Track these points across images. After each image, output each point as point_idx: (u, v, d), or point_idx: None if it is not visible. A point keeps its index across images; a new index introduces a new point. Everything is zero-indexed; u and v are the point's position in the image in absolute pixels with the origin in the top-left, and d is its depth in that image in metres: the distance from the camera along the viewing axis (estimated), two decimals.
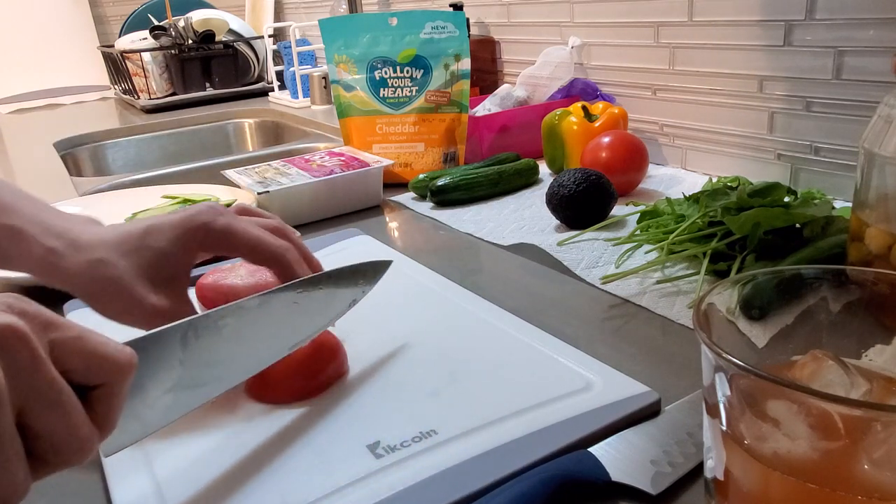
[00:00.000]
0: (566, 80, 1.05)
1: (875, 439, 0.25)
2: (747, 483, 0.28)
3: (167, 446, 0.41)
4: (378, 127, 0.98)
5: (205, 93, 1.77)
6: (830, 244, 0.55)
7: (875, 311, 0.33)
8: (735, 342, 0.33)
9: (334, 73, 1.00)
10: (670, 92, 0.93)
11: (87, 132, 1.51)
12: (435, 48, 0.96)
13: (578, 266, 0.64)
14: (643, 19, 0.93)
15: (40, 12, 1.98)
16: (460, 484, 0.36)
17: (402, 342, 0.51)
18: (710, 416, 0.30)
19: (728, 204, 0.58)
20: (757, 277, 0.33)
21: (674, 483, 0.36)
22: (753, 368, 0.26)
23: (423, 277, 0.62)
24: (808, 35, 0.74)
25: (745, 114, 0.83)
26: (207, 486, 0.38)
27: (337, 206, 0.86)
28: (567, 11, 1.07)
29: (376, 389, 0.46)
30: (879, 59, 0.68)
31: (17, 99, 1.93)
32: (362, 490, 0.36)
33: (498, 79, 1.29)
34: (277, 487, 0.37)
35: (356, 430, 0.41)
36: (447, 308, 0.56)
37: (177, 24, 1.72)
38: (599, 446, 0.38)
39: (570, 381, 0.44)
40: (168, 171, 1.19)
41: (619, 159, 0.81)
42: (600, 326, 0.54)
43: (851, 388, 0.29)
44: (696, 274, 0.58)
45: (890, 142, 0.44)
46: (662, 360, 0.49)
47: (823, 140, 0.76)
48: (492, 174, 0.88)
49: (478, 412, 0.42)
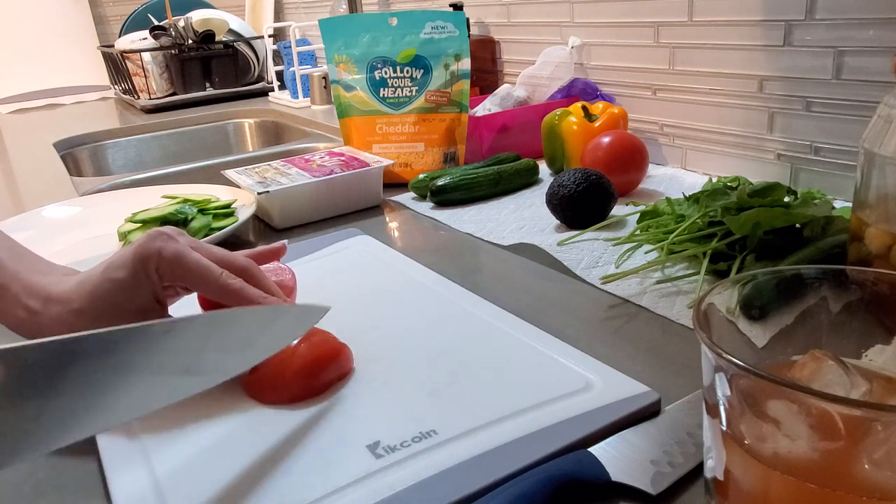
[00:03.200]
0: (566, 80, 1.05)
1: (875, 439, 0.25)
2: (747, 483, 0.28)
3: (167, 445, 0.41)
4: (378, 127, 0.98)
5: (205, 93, 1.77)
6: (830, 244, 0.55)
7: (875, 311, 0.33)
8: (735, 342, 0.33)
9: (334, 73, 1.00)
10: (670, 92, 0.93)
11: (87, 132, 1.51)
12: (435, 48, 0.96)
13: (578, 266, 0.64)
14: (643, 19, 0.93)
15: (40, 12, 1.98)
16: (460, 484, 0.36)
17: (402, 342, 0.51)
18: (710, 416, 0.30)
19: (728, 204, 0.58)
20: (757, 277, 0.33)
21: (674, 483, 0.36)
22: (753, 368, 0.26)
23: (423, 277, 0.62)
24: (808, 35, 0.74)
25: (745, 114, 0.83)
26: (207, 486, 0.38)
27: (337, 206, 0.86)
28: (567, 11, 1.07)
29: (376, 389, 0.46)
30: (879, 59, 0.68)
31: (17, 99, 1.93)
32: (362, 490, 0.36)
33: (498, 79, 1.29)
34: (277, 487, 0.37)
35: (356, 430, 0.41)
36: (447, 308, 0.56)
37: (177, 24, 1.72)
38: (599, 446, 0.38)
39: (570, 381, 0.44)
40: (168, 171, 1.19)
41: (619, 159, 0.81)
42: (600, 326, 0.54)
43: (851, 388, 0.29)
44: (696, 274, 0.58)
45: (890, 142, 0.44)
46: (662, 360, 0.49)
47: (823, 140, 0.76)
48: (492, 174, 0.88)
49: (478, 412, 0.42)
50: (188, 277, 0.46)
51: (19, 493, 0.40)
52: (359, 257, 0.69)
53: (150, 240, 0.46)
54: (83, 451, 0.43)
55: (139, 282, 0.46)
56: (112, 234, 0.79)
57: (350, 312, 0.57)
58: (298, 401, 0.45)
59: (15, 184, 1.15)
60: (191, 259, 0.45)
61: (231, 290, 0.46)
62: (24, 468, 0.42)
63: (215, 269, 0.46)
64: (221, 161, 1.21)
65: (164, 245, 0.45)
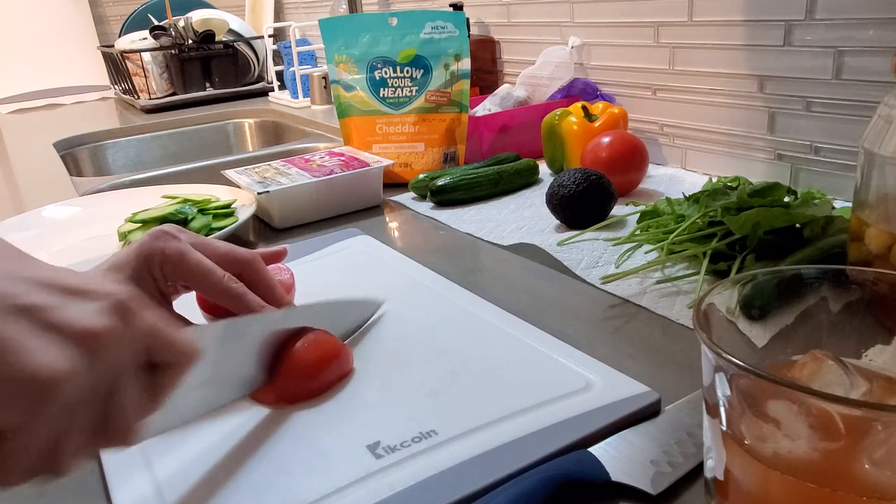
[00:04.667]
0: (566, 80, 1.05)
1: (875, 439, 0.25)
2: (747, 483, 0.28)
3: (167, 447, 0.41)
4: (378, 127, 0.98)
5: (205, 93, 1.77)
6: (830, 244, 0.55)
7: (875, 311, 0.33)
8: (735, 342, 0.33)
9: (334, 73, 1.00)
10: (670, 92, 0.93)
11: (87, 132, 1.51)
12: (435, 48, 0.96)
13: (578, 266, 0.64)
14: (643, 19, 0.93)
15: (40, 12, 1.98)
16: (460, 484, 0.36)
17: (402, 342, 0.51)
18: (710, 416, 0.30)
19: (728, 204, 0.58)
20: (757, 277, 0.33)
21: (674, 483, 0.36)
22: (753, 368, 0.26)
23: (423, 277, 0.62)
24: (808, 35, 0.74)
25: (745, 114, 0.83)
26: (207, 487, 0.38)
27: (337, 206, 0.85)
28: (567, 11, 1.07)
29: (376, 389, 0.46)
30: (879, 59, 0.68)
31: (17, 99, 1.93)
32: (362, 490, 0.36)
33: (498, 79, 1.29)
34: (277, 487, 0.37)
35: (356, 430, 0.41)
36: (447, 308, 0.56)
37: (177, 24, 1.72)
38: (599, 446, 0.38)
39: (570, 381, 0.44)
40: (168, 171, 1.19)
41: (619, 159, 0.81)
42: (600, 326, 0.54)
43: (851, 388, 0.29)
44: (696, 274, 0.58)
45: (890, 142, 0.44)
46: (662, 360, 0.49)
47: (823, 140, 0.76)
48: (492, 174, 0.88)
49: (478, 412, 0.42)
50: (190, 278, 0.45)
51: (19, 493, 0.40)
52: (359, 257, 0.69)
53: (153, 239, 0.45)
54: None
55: (143, 281, 0.45)
56: (112, 234, 0.79)
57: None
58: (298, 401, 0.45)
59: (15, 184, 1.15)
60: (193, 259, 0.45)
61: (233, 295, 0.46)
62: None
63: (218, 272, 0.46)
64: (221, 161, 1.21)
65: (167, 244, 0.45)
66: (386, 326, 0.54)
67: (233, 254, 0.48)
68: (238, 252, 0.48)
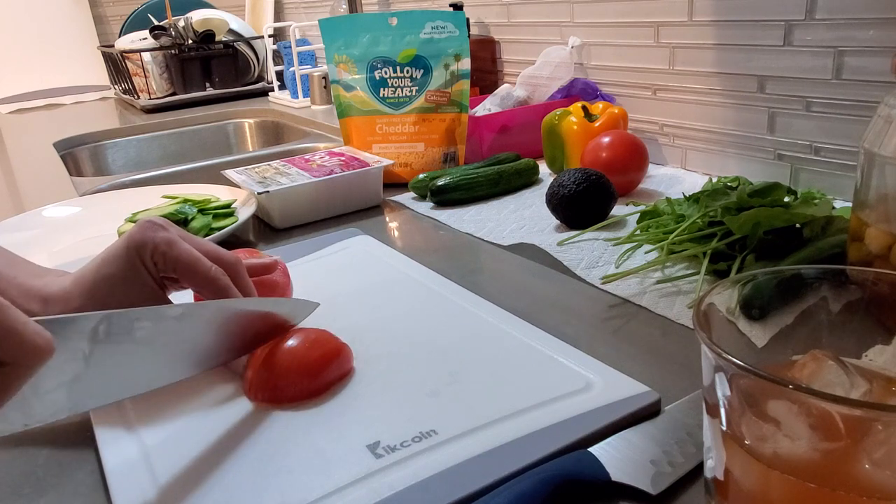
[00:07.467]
0: (566, 80, 1.05)
1: (875, 439, 0.25)
2: (747, 483, 0.28)
3: (167, 445, 0.41)
4: (378, 127, 0.98)
5: (205, 93, 1.77)
6: (830, 244, 0.55)
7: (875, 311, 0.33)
8: (735, 342, 0.33)
9: (334, 73, 1.00)
10: (670, 92, 0.93)
11: (87, 132, 1.51)
12: (435, 48, 0.96)
13: (578, 266, 0.64)
14: (643, 19, 0.93)
15: (40, 12, 1.98)
16: (460, 484, 0.36)
17: (402, 342, 0.51)
18: (710, 416, 0.30)
19: (728, 204, 0.58)
20: (757, 277, 0.33)
21: (674, 483, 0.36)
22: (753, 368, 0.26)
23: (423, 277, 0.62)
24: (808, 35, 0.74)
25: (745, 114, 0.83)
26: (208, 486, 0.38)
27: (337, 206, 0.86)
28: (567, 11, 1.07)
29: (376, 389, 0.46)
30: (879, 59, 0.68)
31: (17, 99, 1.93)
32: (362, 490, 0.36)
33: (498, 79, 1.29)
34: (277, 487, 0.37)
35: (356, 430, 0.41)
36: (447, 308, 0.56)
37: (177, 24, 1.72)
38: (599, 446, 0.38)
39: (570, 381, 0.44)
40: (168, 171, 1.19)
41: (619, 159, 0.81)
42: (600, 326, 0.54)
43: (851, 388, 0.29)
44: (696, 274, 0.58)
45: (890, 142, 0.44)
46: (662, 360, 0.49)
47: (823, 140, 0.76)
48: (492, 174, 0.88)
49: (477, 412, 0.42)
50: (178, 266, 0.45)
51: (19, 493, 0.40)
52: (359, 257, 0.69)
53: (142, 229, 0.46)
54: (83, 451, 0.43)
55: (136, 271, 0.46)
56: (112, 234, 0.79)
57: (350, 312, 0.57)
58: (298, 401, 0.45)
59: (15, 184, 1.15)
60: (181, 248, 0.46)
61: (219, 287, 0.46)
62: (24, 467, 0.42)
63: (205, 262, 0.46)
64: (221, 161, 1.21)
65: (156, 234, 0.45)
66: (386, 326, 0.54)
67: (216, 254, 0.48)
68: (222, 253, 0.48)
